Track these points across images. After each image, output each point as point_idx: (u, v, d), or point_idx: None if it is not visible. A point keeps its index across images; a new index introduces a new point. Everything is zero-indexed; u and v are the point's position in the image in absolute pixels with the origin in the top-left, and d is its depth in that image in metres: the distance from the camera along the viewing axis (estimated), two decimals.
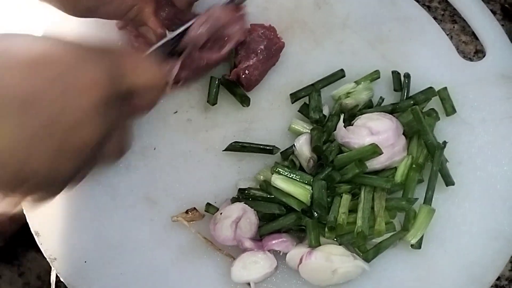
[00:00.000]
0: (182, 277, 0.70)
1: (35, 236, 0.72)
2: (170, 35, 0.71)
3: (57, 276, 0.73)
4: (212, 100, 0.77)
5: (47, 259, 0.71)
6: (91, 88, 0.49)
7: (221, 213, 0.69)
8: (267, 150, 0.75)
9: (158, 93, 0.60)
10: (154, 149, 0.76)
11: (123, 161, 0.75)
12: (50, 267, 0.73)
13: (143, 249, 0.71)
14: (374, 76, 0.78)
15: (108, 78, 0.51)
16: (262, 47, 0.77)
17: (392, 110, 0.75)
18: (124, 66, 0.54)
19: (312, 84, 0.78)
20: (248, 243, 0.68)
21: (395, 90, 0.78)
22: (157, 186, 0.74)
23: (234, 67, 0.78)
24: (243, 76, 0.76)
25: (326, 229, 0.68)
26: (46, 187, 0.52)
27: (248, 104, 0.78)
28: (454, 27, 0.86)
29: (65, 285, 0.71)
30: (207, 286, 0.70)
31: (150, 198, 0.74)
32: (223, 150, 0.75)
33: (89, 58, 0.51)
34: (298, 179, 0.69)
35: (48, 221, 0.72)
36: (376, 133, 0.69)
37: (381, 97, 0.77)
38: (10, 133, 0.46)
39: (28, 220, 0.73)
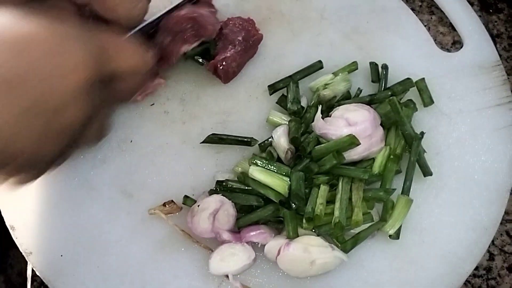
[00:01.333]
0: (159, 270, 0.70)
1: (10, 230, 0.71)
2: (149, 18, 0.71)
3: (33, 270, 0.72)
4: None
5: (23, 253, 0.70)
6: (77, 69, 0.49)
7: (198, 205, 0.68)
8: (245, 142, 0.74)
9: (142, 78, 0.60)
10: (131, 141, 0.75)
11: (99, 154, 0.74)
12: None
13: (119, 242, 0.71)
14: (352, 67, 0.78)
15: (94, 60, 0.51)
16: (240, 38, 0.76)
17: (370, 101, 0.75)
18: (110, 49, 0.54)
19: (290, 76, 0.78)
20: (226, 235, 0.68)
21: (373, 81, 0.78)
22: (133, 179, 0.74)
23: (212, 58, 0.77)
24: (221, 68, 0.76)
25: (304, 220, 0.67)
26: (30, 168, 0.52)
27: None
28: (431, 18, 0.86)
29: (41, 279, 0.70)
30: (185, 278, 0.69)
31: (127, 191, 0.73)
32: (200, 143, 0.75)
33: (76, 39, 0.51)
34: (275, 171, 0.69)
35: (24, 215, 0.71)
36: (353, 124, 0.69)
37: (359, 88, 0.77)
38: None
39: (3, 214, 0.72)
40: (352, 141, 0.68)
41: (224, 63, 0.76)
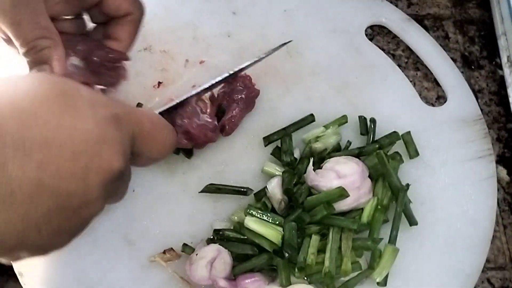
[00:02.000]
0: None
1: (18, 277, 0.74)
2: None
3: None
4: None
5: None
6: (108, 166, 0.46)
7: (196, 254, 0.72)
8: (241, 191, 0.78)
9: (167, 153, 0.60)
10: (133, 191, 0.79)
11: None
12: None
13: None
14: (342, 121, 0.82)
15: (125, 150, 0.47)
16: (242, 96, 0.81)
17: (359, 154, 0.79)
18: (141, 133, 0.51)
19: (284, 128, 0.82)
20: (222, 283, 0.71)
21: (361, 134, 0.83)
22: (135, 227, 0.77)
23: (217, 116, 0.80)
24: (227, 127, 0.80)
25: (296, 269, 0.71)
26: (40, 253, 0.49)
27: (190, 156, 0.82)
28: (417, 74, 0.91)
29: None
30: None
31: (129, 239, 0.76)
32: (199, 192, 0.78)
33: (111, 129, 0.46)
34: (270, 221, 0.73)
35: (31, 262, 0.74)
36: (343, 177, 0.73)
37: (348, 141, 0.82)
38: (16, 221, 0.43)
39: (12, 262, 0.75)
40: (341, 193, 0.72)
41: (232, 121, 0.80)
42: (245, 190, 0.78)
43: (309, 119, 0.83)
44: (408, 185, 0.77)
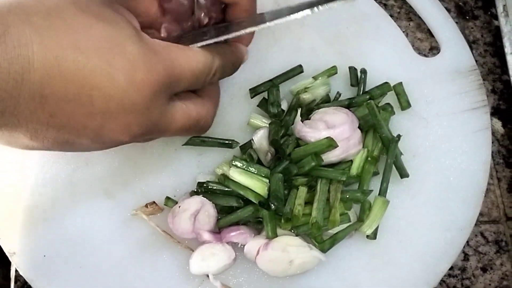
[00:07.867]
0: (141, 270, 0.71)
1: None
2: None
3: (16, 271, 0.73)
4: None
5: (6, 254, 0.71)
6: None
7: (179, 206, 0.70)
8: (226, 144, 0.76)
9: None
10: None
11: (83, 155, 0.75)
12: None
13: (102, 243, 0.72)
14: (332, 71, 0.79)
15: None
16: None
17: (349, 105, 0.76)
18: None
19: (271, 80, 0.79)
20: (206, 236, 0.69)
21: (352, 85, 0.80)
22: (116, 180, 0.74)
23: None
24: None
25: (283, 221, 0.69)
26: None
27: None
28: (409, 24, 0.88)
29: (24, 280, 0.71)
30: (166, 278, 0.70)
31: (110, 192, 0.74)
32: (183, 145, 0.76)
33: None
34: (255, 172, 0.70)
35: (7, 216, 0.72)
36: (332, 127, 0.71)
37: (338, 92, 0.79)
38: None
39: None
40: (330, 144, 0.69)
41: None
42: (230, 142, 0.76)
43: (298, 70, 0.80)
44: (399, 136, 0.75)
